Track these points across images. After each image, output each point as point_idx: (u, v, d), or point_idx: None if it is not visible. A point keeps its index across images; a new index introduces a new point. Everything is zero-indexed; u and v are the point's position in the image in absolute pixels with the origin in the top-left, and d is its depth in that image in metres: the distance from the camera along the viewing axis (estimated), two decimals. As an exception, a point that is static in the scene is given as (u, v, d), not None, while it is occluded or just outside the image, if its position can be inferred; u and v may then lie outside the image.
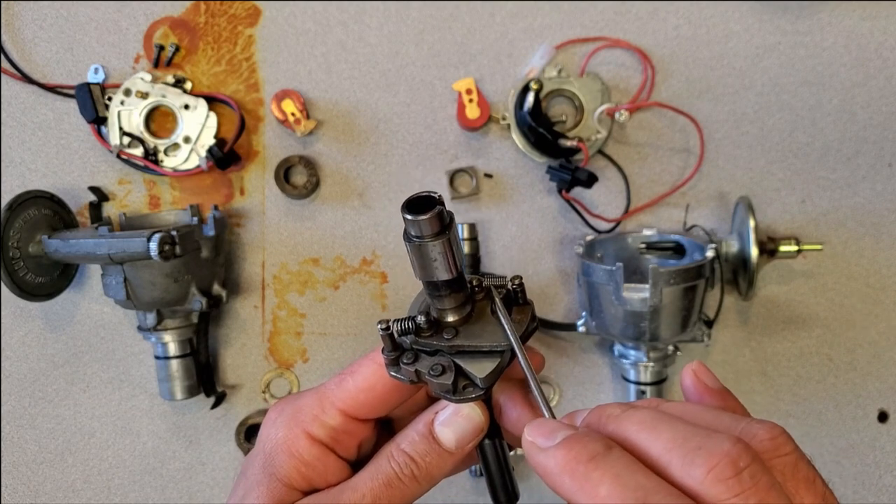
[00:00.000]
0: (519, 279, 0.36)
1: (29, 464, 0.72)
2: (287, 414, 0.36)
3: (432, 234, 0.31)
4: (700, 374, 0.34)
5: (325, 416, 0.36)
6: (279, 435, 0.36)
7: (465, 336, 0.34)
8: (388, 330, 0.34)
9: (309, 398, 0.37)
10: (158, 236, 0.58)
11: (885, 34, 0.69)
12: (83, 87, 0.67)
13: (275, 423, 0.36)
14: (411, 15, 0.70)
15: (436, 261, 0.32)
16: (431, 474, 0.36)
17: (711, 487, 0.25)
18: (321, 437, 0.36)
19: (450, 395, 0.33)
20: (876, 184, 0.70)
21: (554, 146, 0.67)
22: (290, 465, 0.35)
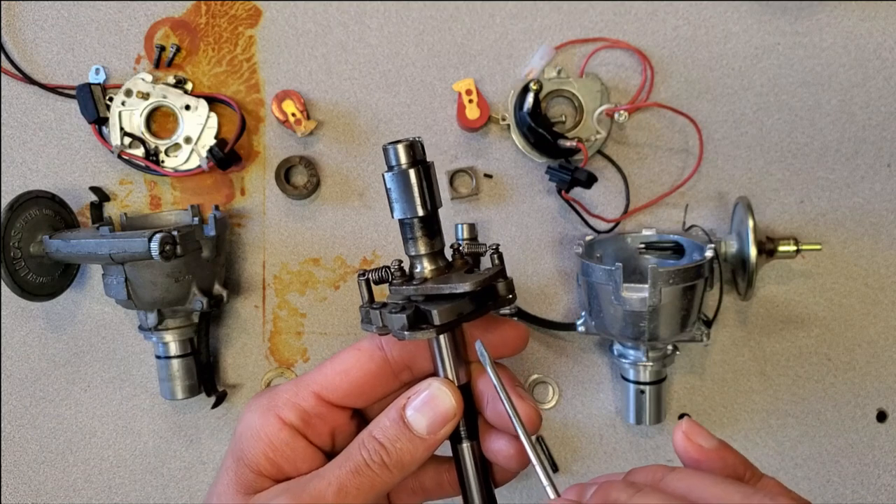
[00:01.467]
0: (496, 246, 0.37)
1: (30, 463, 0.72)
2: (262, 400, 0.36)
3: (408, 162, 0.33)
4: (692, 436, 0.32)
5: (299, 398, 0.36)
6: (251, 420, 0.36)
7: (434, 284, 0.35)
8: (364, 276, 0.35)
9: (287, 384, 0.37)
10: (159, 236, 0.58)
11: (884, 35, 0.70)
12: (84, 87, 0.68)
13: (249, 408, 0.36)
14: (411, 16, 0.70)
15: (411, 191, 0.33)
16: (402, 461, 0.35)
17: None
18: (292, 420, 0.36)
19: (406, 334, 0.34)
20: (875, 184, 0.70)
21: (553, 146, 0.67)
22: (258, 449, 0.35)
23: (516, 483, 0.71)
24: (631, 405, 0.68)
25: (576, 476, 0.71)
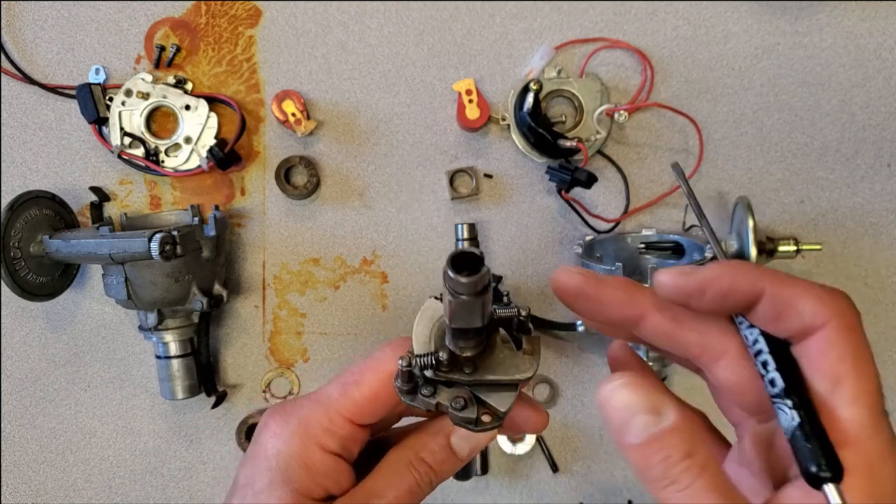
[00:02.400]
0: (527, 310, 0.36)
1: (30, 463, 0.72)
2: (293, 426, 0.36)
3: (475, 293, 0.31)
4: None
5: (335, 427, 0.36)
6: (292, 449, 0.36)
7: (483, 370, 0.35)
8: (411, 367, 0.34)
9: (314, 409, 0.37)
10: (159, 236, 0.59)
11: (883, 35, 0.70)
12: (84, 87, 0.68)
13: (281, 435, 0.36)
14: (411, 16, 0.70)
15: (473, 314, 0.32)
16: (444, 478, 0.38)
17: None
18: (333, 447, 0.37)
19: (472, 427, 0.35)
20: (875, 184, 0.70)
21: (553, 146, 0.67)
22: (308, 477, 0.36)
23: (516, 483, 0.71)
24: (631, 405, 0.68)
25: (576, 476, 0.71)
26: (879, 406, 0.28)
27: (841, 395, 0.28)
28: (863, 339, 0.29)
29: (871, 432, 0.28)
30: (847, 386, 0.28)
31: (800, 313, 0.29)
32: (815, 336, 0.29)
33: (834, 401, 0.28)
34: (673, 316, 0.32)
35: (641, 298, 0.32)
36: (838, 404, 0.28)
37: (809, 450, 0.27)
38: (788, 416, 0.28)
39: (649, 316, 0.32)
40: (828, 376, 0.28)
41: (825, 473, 0.26)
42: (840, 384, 0.28)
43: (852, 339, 0.28)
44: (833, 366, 0.28)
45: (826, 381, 0.28)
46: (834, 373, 0.28)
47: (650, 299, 0.32)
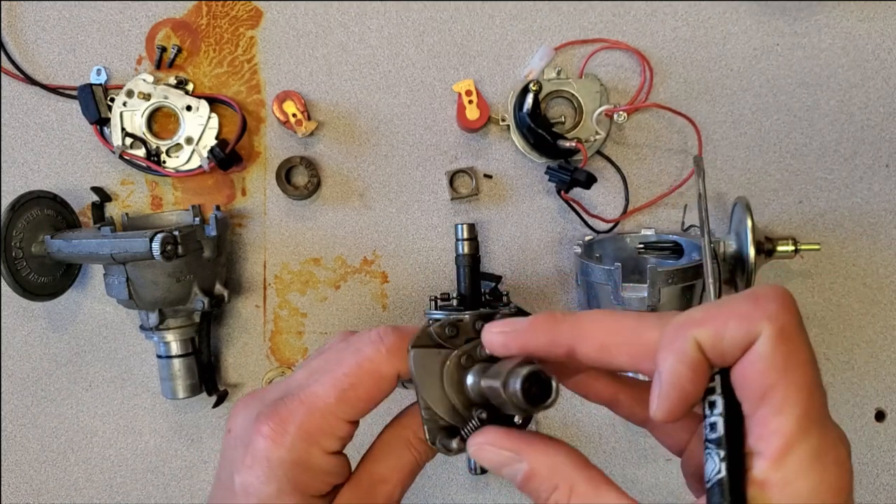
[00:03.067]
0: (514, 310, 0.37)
1: (31, 462, 0.72)
2: (293, 433, 0.35)
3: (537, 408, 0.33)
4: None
5: (336, 430, 0.36)
6: (295, 456, 0.35)
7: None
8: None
9: (312, 416, 0.35)
10: (161, 236, 0.59)
11: (882, 35, 0.70)
12: (85, 88, 0.68)
13: (281, 442, 0.35)
14: (411, 17, 0.71)
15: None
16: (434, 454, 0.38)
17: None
18: (336, 448, 0.37)
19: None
20: (873, 184, 0.71)
21: (553, 147, 0.67)
22: (314, 478, 0.36)
23: (516, 482, 0.71)
24: (630, 404, 0.68)
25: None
26: (810, 412, 0.28)
27: (770, 404, 0.28)
28: (796, 340, 0.28)
29: (796, 444, 0.28)
30: (776, 395, 0.28)
31: (731, 341, 0.29)
32: (748, 351, 0.29)
33: (762, 412, 0.28)
34: (599, 344, 0.32)
35: (564, 334, 0.33)
36: (766, 414, 0.28)
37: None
38: (715, 468, 0.28)
39: (578, 348, 0.33)
40: (757, 387, 0.28)
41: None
42: (769, 394, 0.28)
43: (783, 345, 0.28)
44: (761, 376, 0.28)
45: (756, 393, 0.28)
46: (763, 384, 0.28)
47: (573, 332, 0.33)
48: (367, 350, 0.36)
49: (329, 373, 0.36)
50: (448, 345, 0.36)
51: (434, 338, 0.36)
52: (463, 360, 0.35)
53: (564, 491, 0.32)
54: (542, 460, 0.33)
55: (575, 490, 0.32)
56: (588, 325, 0.33)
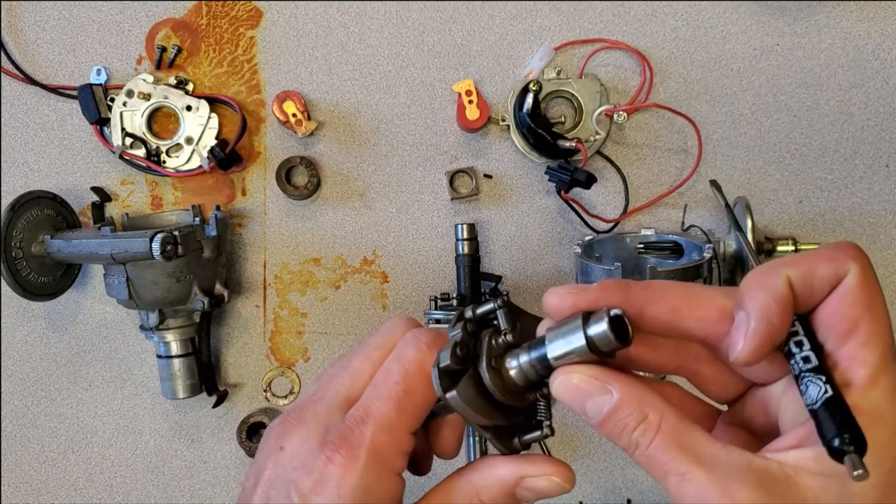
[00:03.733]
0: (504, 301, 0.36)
1: (31, 462, 0.72)
2: (364, 458, 0.34)
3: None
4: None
5: (403, 446, 0.35)
6: (367, 482, 0.34)
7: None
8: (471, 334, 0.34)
9: (380, 435, 0.35)
10: (161, 236, 0.59)
11: (882, 35, 0.70)
12: (85, 88, 0.68)
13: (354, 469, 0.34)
14: (411, 17, 0.71)
15: None
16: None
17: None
18: (404, 465, 0.36)
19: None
20: (873, 184, 0.71)
21: (553, 147, 0.67)
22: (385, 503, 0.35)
23: (516, 482, 0.71)
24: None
25: (575, 475, 0.71)
26: (891, 347, 0.30)
27: (856, 338, 0.30)
28: (876, 281, 0.30)
29: (882, 374, 0.29)
30: (862, 329, 0.30)
31: (822, 278, 0.30)
32: (836, 290, 0.30)
33: (849, 345, 0.30)
34: (671, 306, 0.32)
35: (636, 297, 0.32)
36: (854, 346, 0.30)
37: (836, 423, 0.28)
38: (821, 389, 0.29)
39: (648, 311, 0.32)
40: (845, 322, 0.30)
41: (849, 447, 0.28)
42: (856, 328, 0.30)
43: (868, 282, 0.30)
44: (850, 310, 0.30)
45: (843, 328, 0.30)
46: (851, 317, 0.30)
47: (644, 295, 0.32)
48: (409, 352, 0.35)
49: (382, 385, 0.35)
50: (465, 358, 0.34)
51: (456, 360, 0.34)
52: (493, 362, 0.34)
53: (655, 420, 0.31)
54: (631, 390, 0.31)
55: (665, 419, 0.31)
56: (660, 288, 0.33)
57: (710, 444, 0.30)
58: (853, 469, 0.27)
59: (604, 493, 0.70)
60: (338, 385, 0.37)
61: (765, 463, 0.29)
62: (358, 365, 0.37)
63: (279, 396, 0.72)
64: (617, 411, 0.31)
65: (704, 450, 0.30)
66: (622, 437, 0.31)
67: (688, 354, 0.36)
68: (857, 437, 0.28)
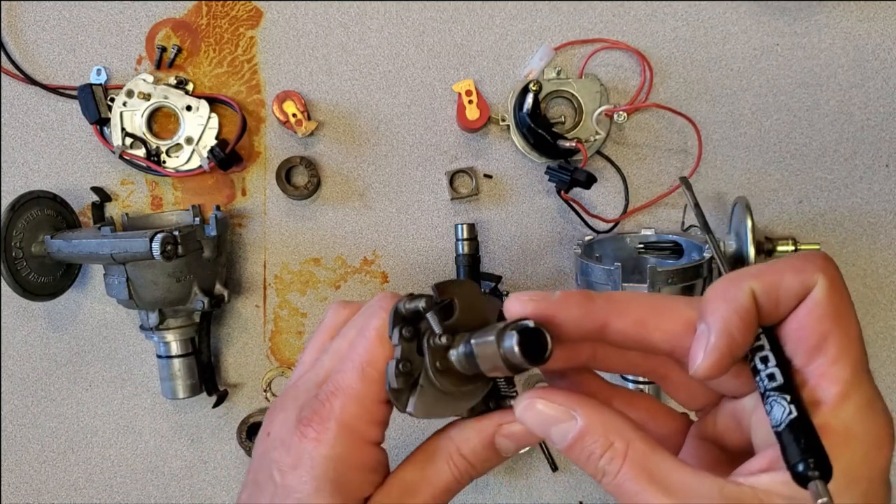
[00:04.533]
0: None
1: (31, 462, 0.72)
2: (334, 429, 0.35)
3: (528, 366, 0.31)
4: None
5: (374, 415, 0.35)
6: (338, 452, 0.34)
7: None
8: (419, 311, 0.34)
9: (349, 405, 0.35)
10: (161, 236, 0.59)
11: (882, 35, 0.70)
12: (85, 88, 0.68)
13: (323, 440, 0.35)
14: (411, 17, 0.71)
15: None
16: (484, 473, 0.36)
17: None
18: (377, 436, 0.36)
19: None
20: (873, 184, 0.71)
21: (553, 147, 0.67)
22: (358, 476, 0.35)
23: (516, 482, 0.71)
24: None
25: (575, 475, 0.71)
26: (862, 361, 0.29)
27: (826, 353, 0.29)
28: (845, 293, 0.29)
29: (853, 391, 0.28)
30: (832, 344, 0.28)
31: (787, 291, 0.29)
32: (803, 303, 0.29)
33: (818, 362, 0.29)
34: (635, 319, 0.32)
35: (598, 309, 0.32)
36: (823, 363, 0.29)
37: (801, 447, 0.27)
38: (786, 410, 0.28)
39: (611, 324, 0.32)
40: (813, 337, 0.29)
41: (813, 473, 0.27)
42: (825, 343, 0.29)
43: (836, 294, 0.29)
44: (818, 324, 0.29)
45: (811, 343, 0.29)
46: (819, 332, 0.29)
47: (607, 307, 0.32)
48: (371, 322, 0.35)
49: (347, 358, 0.35)
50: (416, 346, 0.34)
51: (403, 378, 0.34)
52: (438, 364, 0.33)
53: (620, 448, 0.30)
54: (596, 417, 0.31)
55: (632, 446, 0.30)
56: (624, 300, 0.32)
57: (680, 472, 0.29)
58: (817, 497, 0.26)
59: (604, 493, 0.70)
60: (317, 367, 0.38)
61: (736, 490, 0.28)
62: (336, 345, 0.37)
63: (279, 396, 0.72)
64: (582, 438, 0.31)
65: (674, 478, 0.29)
66: (589, 465, 0.31)
67: (656, 359, 0.35)
68: (822, 461, 0.27)
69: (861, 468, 0.28)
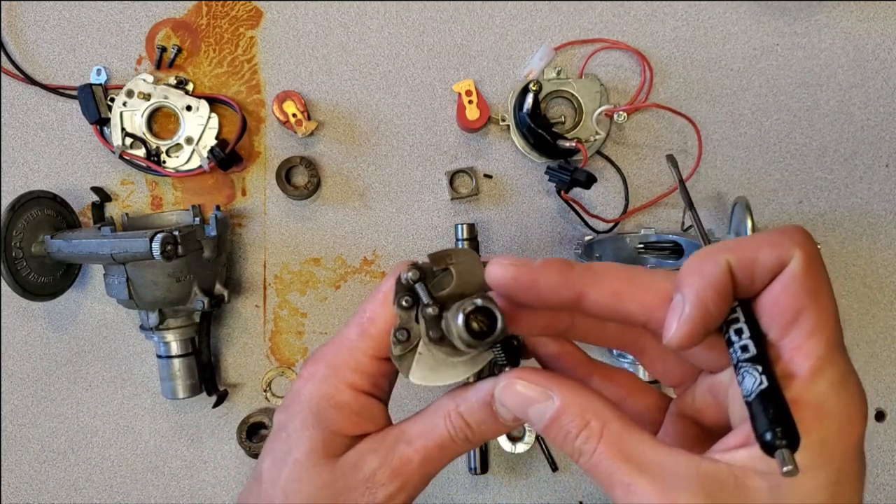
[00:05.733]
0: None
1: (31, 462, 0.72)
2: (323, 370, 0.37)
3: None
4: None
5: (362, 366, 0.37)
6: (322, 390, 0.37)
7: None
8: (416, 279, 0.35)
9: (339, 352, 0.37)
10: (161, 236, 0.59)
11: (882, 35, 0.70)
12: (85, 88, 0.68)
13: (312, 379, 0.37)
14: (411, 17, 0.71)
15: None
16: (483, 439, 0.37)
17: None
18: (364, 386, 0.37)
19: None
20: (873, 184, 0.71)
21: (553, 147, 0.67)
22: (340, 415, 0.37)
23: (516, 482, 0.71)
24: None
25: (575, 475, 0.71)
26: (837, 336, 0.29)
27: (801, 327, 0.29)
28: (822, 268, 0.29)
29: (827, 366, 0.28)
30: (807, 318, 0.28)
31: (763, 265, 0.29)
32: (778, 277, 0.29)
33: (793, 335, 0.29)
34: (612, 289, 0.32)
35: (576, 278, 0.32)
36: (798, 336, 0.29)
37: (769, 416, 0.27)
38: (757, 381, 0.28)
39: (588, 293, 0.32)
40: (788, 311, 0.29)
41: (781, 441, 0.26)
42: (800, 317, 0.29)
43: (813, 269, 0.29)
44: (794, 299, 0.29)
45: (786, 317, 0.29)
46: (794, 307, 0.29)
47: (585, 277, 0.32)
48: (384, 285, 0.37)
49: (354, 316, 0.38)
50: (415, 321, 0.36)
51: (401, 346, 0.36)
52: (431, 333, 0.34)
53: (596, 427, 0.30)
54: (573, 397, 0.31)
55: (608, 426, 0.30)
56: (602, 271, 0.32)
57: (656, 450, 0.29)
58: (783, 464, 0.26)
59: (604, 494, 0.70)
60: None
61: (713, 466, 0.28)
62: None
63: (279, 396, 0.72)
64: (558, 418, 0.31)
65: (650, 457, 0.29)
66: (566, 445, 0.31)
67: (634, 331, 0.36)
68: (790, 430, 0.26)
69: (835, 443, 0.28)
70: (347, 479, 0.37)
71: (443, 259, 0.35)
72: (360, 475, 0.36)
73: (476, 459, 0.69)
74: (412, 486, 0.37)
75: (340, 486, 0.36)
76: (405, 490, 0.37)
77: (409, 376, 0.35)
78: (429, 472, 0.37)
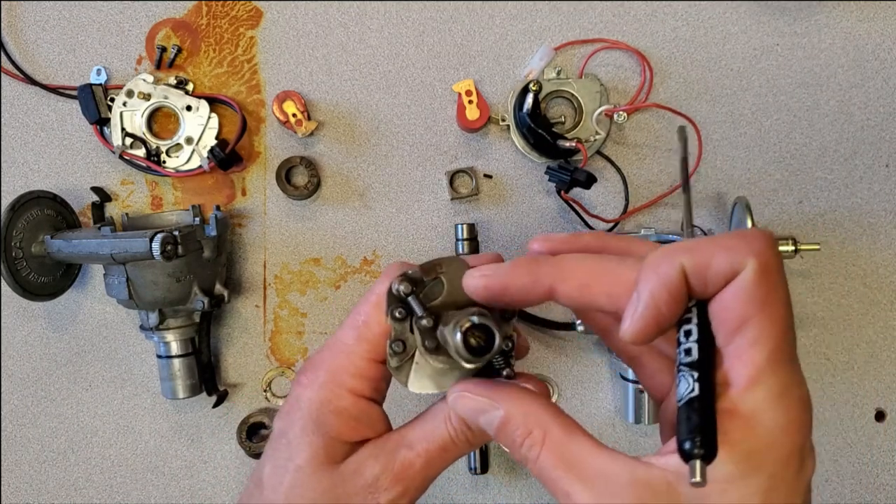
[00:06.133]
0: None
1: (31, 462, 0.72)
2: (322, 376, 0.38)
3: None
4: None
5: (361, 371, 0.37)
6: (322, 396, 0.37)
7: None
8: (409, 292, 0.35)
9: (337, 357, 0.38)
10: (161, 236, 0.59)
11: (882, 35, 0.70)
12: (85, 88, 0.68)
13: (311, 385, 0.38)
14: (411, 17, 0.71)
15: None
16: (484, 440, 0.37)
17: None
18: (364, 391, 0.38)
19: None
20: (873, 184, 0.71)
21: (553, 147, 0.67)
22: (340, 421, 0.37)
23: (516, 482, 0.71)
24: (630, 404, 0.68)
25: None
26: (782, 348, 0.29)
27: (744, 335, 0.29)
28: (777, 279, 0.29)
29: (766, 376, 0.28)
30: (752, 327, 0.28)
31: (716, 270, 0.29)
32: (731, 283, 0.29)
33: (736, 343, 0.29)
34: (579, 283, 0.32)
35: (544, 275, 0.33)
36: (740, 345, 0.29)
37: (691, 425, 0.27)
38: (689, 387, 0.28)
39: (557, 288, 0.33)
40: (735, 319, 0.29)
41: (699, 451, 0.26)
42: (745, 325, 0.29)
43: (765, 280, 0.28)
44: (742, 307, 0.29)
45: (732, 324, 0.29)
46: (741, 315, 0.29)
47: (553, 273, 0.33)
48: (377, 287, 0.38)
49: (349, 318, 0.39)
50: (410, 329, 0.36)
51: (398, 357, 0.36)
52: (427, 343, 0.35)
53: (538, 436, 0.32)
54: (516, 407, 0.33)
55: (549, 435, 0.32)
56: (568, 265, 0.33)
57: (595, 456, 0.30)
58: (691, 476, 0.26)
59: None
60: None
61: (647, 472, 0.29)
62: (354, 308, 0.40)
63: (279, 396, 0.72)
64: (504, 426, 0.33)
65: (589, 462, 0.30)
66: (515, 452, 0.33)
67: (603, 315, 0.37)
68: (708, 441, 0.27)
69: (765, 454, 0.28)
70: (349, 485, 0.37)
71: (433, 269, 0.36)
72: (361, 481, 0.37)
73: (476, 459, 0.69)
74: (414, 490, 0.37)
75: (342, 492, 0.37)
76: (407, 494, 0.37)
77: (408, 386, 0.36)
78: (430, 475, 0.37)
